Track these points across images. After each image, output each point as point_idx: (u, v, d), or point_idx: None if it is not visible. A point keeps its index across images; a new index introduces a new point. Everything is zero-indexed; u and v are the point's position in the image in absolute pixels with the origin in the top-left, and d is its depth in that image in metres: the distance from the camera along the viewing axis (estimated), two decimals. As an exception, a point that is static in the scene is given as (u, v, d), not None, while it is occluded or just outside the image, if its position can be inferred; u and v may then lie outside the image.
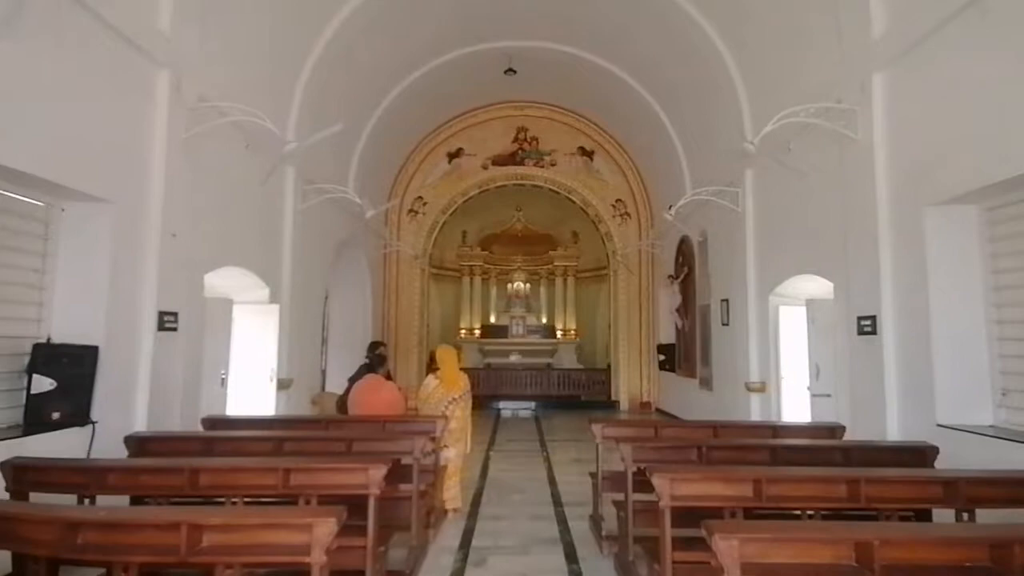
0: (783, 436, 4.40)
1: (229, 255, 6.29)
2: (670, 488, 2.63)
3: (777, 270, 6.95)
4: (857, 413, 5.13)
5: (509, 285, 17.84)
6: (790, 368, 6.58)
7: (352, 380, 5.42)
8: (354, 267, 11.58)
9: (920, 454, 3.55)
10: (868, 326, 4.94)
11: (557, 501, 5.65)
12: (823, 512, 2.85)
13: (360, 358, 11.61)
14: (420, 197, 13.49)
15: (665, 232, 11.87)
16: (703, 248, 9.64)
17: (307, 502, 2.86)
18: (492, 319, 17.75)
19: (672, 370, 11.61)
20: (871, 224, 4.93)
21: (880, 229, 4.86)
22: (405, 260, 13.33)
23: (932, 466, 3.52)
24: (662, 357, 12.17)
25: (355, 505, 2.53)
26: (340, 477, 2.86)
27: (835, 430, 4.40)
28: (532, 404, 13.43)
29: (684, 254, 10.62)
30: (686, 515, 2.62)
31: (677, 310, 10.69)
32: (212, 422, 4.61)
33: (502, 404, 13.44)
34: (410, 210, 13.48)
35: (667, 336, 12.21)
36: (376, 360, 5.29)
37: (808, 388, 5.93)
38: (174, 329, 5.05)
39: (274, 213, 7.39)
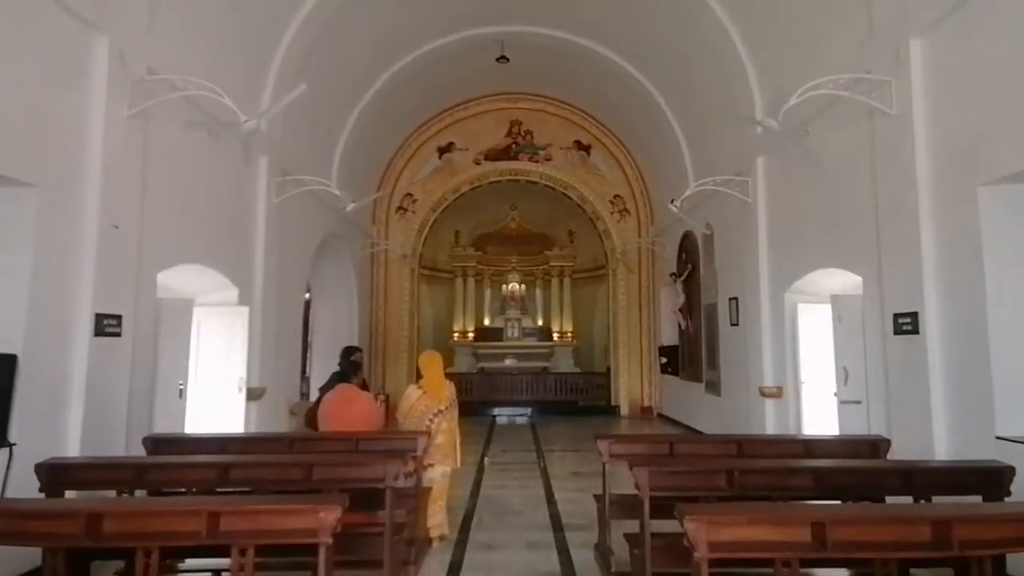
0: (818, 452, 3.80)
1: (190, 252, 5.65)
2: (708, 534, 2.02)
3: (794, 265, 6.35)
4: (896, 423, 4.53)
5: (504, 286, 17.25)
6: (811, 371, 5.98)
7: (324, 390, 4.79)
8: (339, 268, 10.95)
9: (993, 477, 2.95)
10: (907, 324, 4.35)
11: (557, 524, 5.03)
12: (902, 561, 2.26)
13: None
14: (409, 194, 12.87)
15: (667, 228, 11.29)
16: (708, 243, 9.06)
17: (241, 553, 2.22)
18: (486, 322, 17.12)
19: (675, 373, 11.02)
20: (910, 209, 4.35)
21: (921, 215, 4.27)
22: (394, 260, 12.69)
23: (1009, 491, 2.92)
24: (664, 360, 11.57)
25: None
26: (282, 521, 2.24)
27: (878, 445, 3.80)
28: (528, 410, 12.80)
29: (688, 250, 10.04)
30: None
31: (680, 310, 10.10)
32: (156, 442, 3.97)
33: (497, 410, 12.81)
34: (399, 208, 12.85)
35: (669, 338, 11.61)
36: (350, 367, 4.65)
37: (835, 394, 5.34)
38: (116, 334, 4.41)
39: (245, 207, 6.75)
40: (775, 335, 6.76)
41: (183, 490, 3.28)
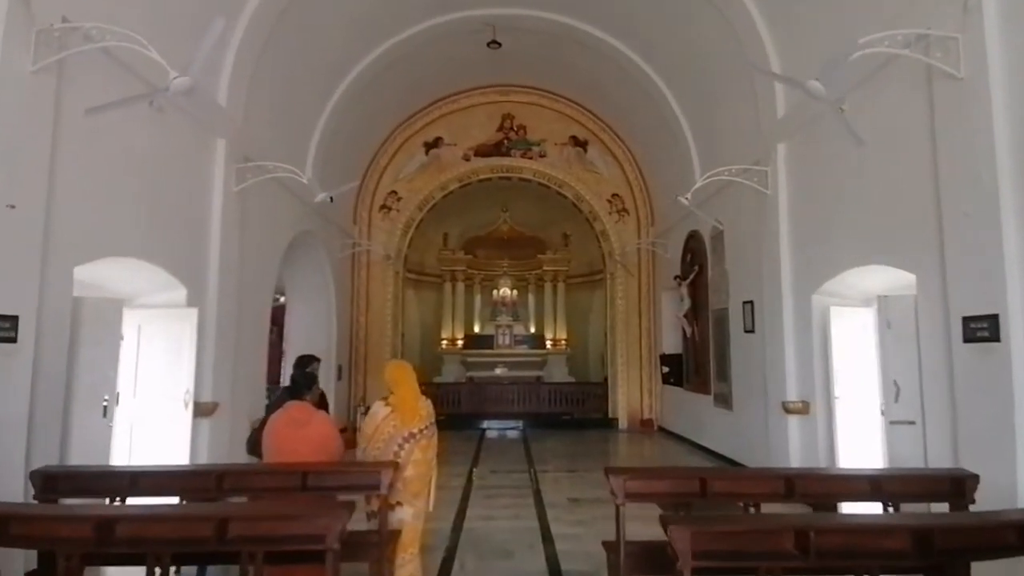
0: (888, 490, 3.00)
1: (122, 243, 4.80)
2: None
3: (825, 262, 5.58)
4: (965, 450, 3.74)
5: (494, 292, 16.45)
6: (847, 385, 5.19)
7: (272, 409, 3.93)
8: (316, 269, 10.08)
9: None
10: (984, 330, 3.58)
11: (555, 570, 4.18)
12: None
13: (326, 374, 10.17)
14: (394, 192, 12.04)
15: (670, 228, 10.53)
16: (718, 243, 8.29)
17: None
18: (476, 329, 16.29)
19: (678, 384, 10.22)
20: (987, 190, 3.58)
21: (1003, 195, 3.50)
22: (377, 262, 11.84)
23: None
24: (666, 369, 10.78)
25: None
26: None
27: (963, 482, 3.00)
28: (520, 423, 11.94)
29: (694, 251, 9.27)
30: None
31: (685, 315, 9.32)
32: (47, 478, 3.10)
33: (486, 423, 11.94)
34: (382, 206, 12.01)
35: (672, 345, 10.82)
36: (303, 380, 3.78)
37: (881, 412, 4.54)
38: (11, 339, 3.54)
39: (197, 194, 5.90)
40: (800, 343, 5.98)
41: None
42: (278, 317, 11.20)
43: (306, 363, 4.19)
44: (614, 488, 3.04)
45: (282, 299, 10.95)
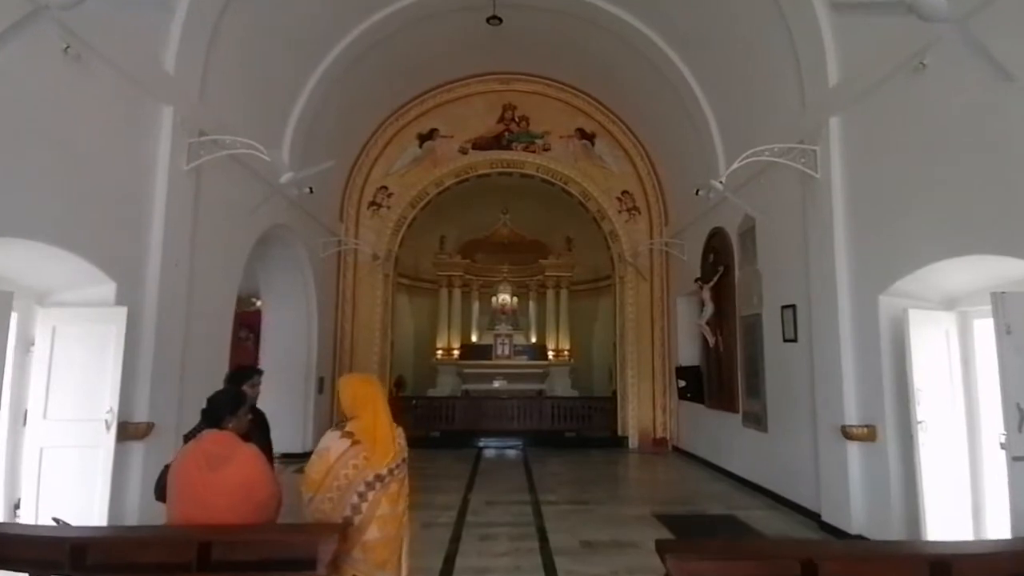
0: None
1: (20, 223, 3.77)
2: None
3: (897, 256, 4.56)
4: None
5: (493, 299, 15.51)
6: (933, 407, 4.16)
7: (189, 438, 2.89)
8: (294, 269, 9.06)
9: None
10: None
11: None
12: None
13: (305, 387, 9.07)
14: (384, 187, 11.04)
15: (687, 227, 9.53)
16: (748, 240, 7.29)
17: None
18: (474, 338, 15.31)
19: (698, 400, 9.17)
20: None
21: None
22: (365, 264, 10.81)
23: None
24: (683, 383, 9.72)
25: None
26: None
27: None
28: (519, 441, 10.86)
29: (717, 250, 8.26)
30: None
31: (708, 323, 8.28)
32: None
33: (483, 441, 10.86)
34: (372, 203, 11.01)
35: (689, 356, 9.79)
36: (224, 401, 2.73)
37: (1001, 444, 3.50)
38: None
39: (134, 170, 4.89)
40: (863, 354, 4.95)
41: None
42: (255, 323, 10.19)
43: (242, 377, 3.17)
44: (672, 572, 1.99)
45: (259, 303, 9.94)
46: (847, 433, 4.90)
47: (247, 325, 10.43)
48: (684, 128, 8.88)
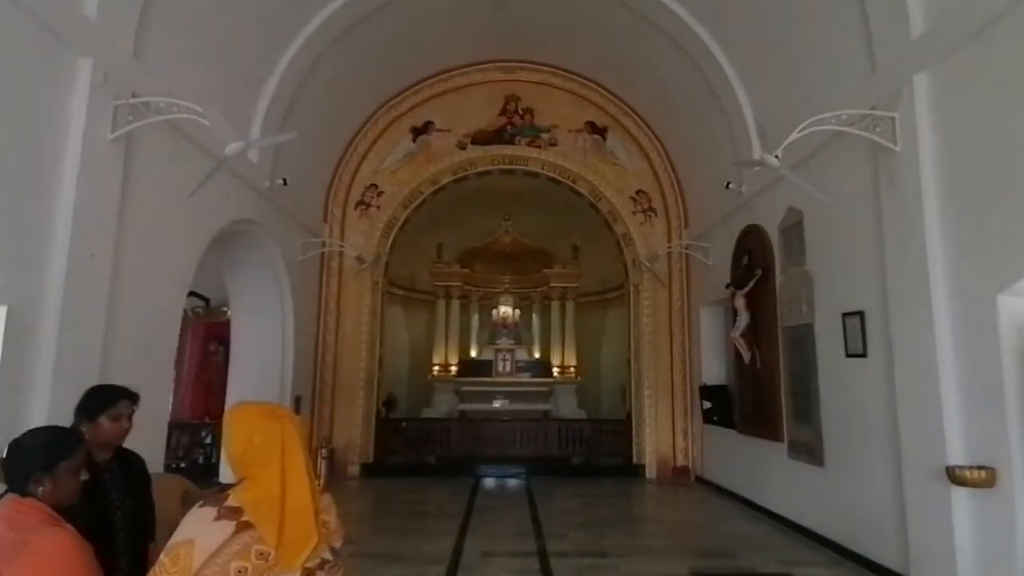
0: None
1: None
2: None
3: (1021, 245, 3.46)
4: None
5: (494, 311, 14.45)
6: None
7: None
8: (267, 273, 7.97)
9: None
10: None
11: None
12: None
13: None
14: (374, 185, 10.00)
15: (711, 227, 8.46)
16: (793, 236, 6.19)
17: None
18: (473, 353, 14.19)
19: (727, 424, 8.01)
20: None
21: None
22: (351, 269, 9.72)
23: None
24: (708, 404, 8.58)
25: None
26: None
27: None
28: (522, 469, 9.66)
29: (752, 251, 7.16)
30: None
31: (742, 335, 7.15)
32: None
33: (482, 468, 9.67)
34: (360, 202, 9.96)
35: (715, 374, 8.66)
36: (38, 450, 1.58)
37: None
38: None
39: (32, 131, 3.82)
40: (973, 372, 3.82)
41: None
42: (227, 335, 9.07)
43: (96, 403, 2.03)
44: None
45: (226, 312, 8.84)
46: (955, 477, 3.75)
47: (217, 338, 9.35)
48: (709, 115, 7.85)
